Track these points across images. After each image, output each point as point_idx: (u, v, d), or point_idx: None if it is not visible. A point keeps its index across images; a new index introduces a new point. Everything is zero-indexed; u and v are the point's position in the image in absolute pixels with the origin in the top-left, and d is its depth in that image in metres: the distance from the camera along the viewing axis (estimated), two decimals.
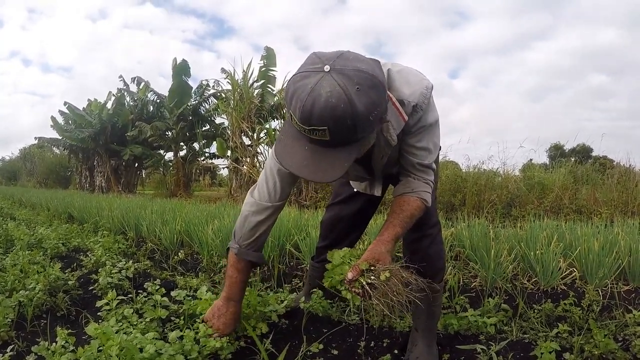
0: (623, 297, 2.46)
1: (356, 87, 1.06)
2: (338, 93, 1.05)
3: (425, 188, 1.54)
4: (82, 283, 2.74)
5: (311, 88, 1.06)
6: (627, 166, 7.50)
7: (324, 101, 1.05)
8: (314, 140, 1.15)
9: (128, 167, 20.07)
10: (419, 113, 1.42)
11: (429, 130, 1.48)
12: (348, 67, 1.08)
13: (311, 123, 1.08)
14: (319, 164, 1.17)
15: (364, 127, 1.12)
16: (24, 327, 2.11)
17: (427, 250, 1.72)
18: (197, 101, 16.93)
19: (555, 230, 3.17)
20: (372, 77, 1.10)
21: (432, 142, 1.52)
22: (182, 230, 4.08)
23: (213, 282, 2.96)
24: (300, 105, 1.08)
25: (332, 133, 1.09)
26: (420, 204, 1.52)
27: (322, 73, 1.07)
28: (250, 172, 10.14)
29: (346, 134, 1.11)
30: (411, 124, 1.44)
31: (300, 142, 1.18)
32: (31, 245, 3.94)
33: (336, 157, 1.16)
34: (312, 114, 1.07)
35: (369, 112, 1.10)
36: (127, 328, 1.73)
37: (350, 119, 1.07)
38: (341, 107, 1.05)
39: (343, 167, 1.17)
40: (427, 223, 1.71)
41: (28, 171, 32.36)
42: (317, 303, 2.20)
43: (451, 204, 6.65)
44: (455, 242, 3.26)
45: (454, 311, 2.32)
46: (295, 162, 1.20)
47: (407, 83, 1.41)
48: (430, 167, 1.55)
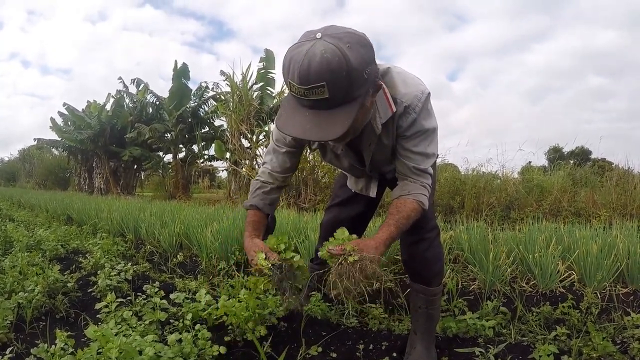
0: (621, 300, 2.46)
1: (347, 44, 1.15)
2: (332, 49, 1.13)
3: (422, 191, 1.56)
4: (81, 285, 2.74)
5: (306, 50, 1.14)
6: (626, 168, 7.51)
7: (319, 57, 1.12)
8: (313, 104, 1.20)
9: (127, 168, 20.05)
10: (411, 115, 1.46)
11: (426, 136, 1.52)
12: (338, 31, 1.18)
13: (309, 81, 1.14)
14: (320, 125, 1.22)
15: (358, 82, 1.19)
16: (23, 329, 2.11)
17: (425, 253, 1.74)
18: (197, 103, 16.92)
19: (553, 233, 3.17)
20: (360, 37, 1.20)
21: (429, 148, 1.55)
22: (181, 232, 4.08)
23: (212, 284, 2.96)
24: (298, 67, 1.15)
25: (330, 88, 1.15)
26: (417, 205, 1.54)
27: (314, 40, 1.16)
28: (249, 175, 10.12)
29: (343, 89, 1.17)
30: (404, 126, 1.48)
31: (300, 110, 1.24)
32: (30, 246, 3.94)
33: (336, 116, 1.21)
34: (309, 72, 1.13)
35: (362, 67, 1.17)
36: (126, 330, 1.74)
37: (346, 72, 1.14)
38: (336, 60, 1.12)
39: (344, 124, 1.20)
40: (424, 227, 1.72)
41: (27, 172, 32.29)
42: (316, 306, 2.21)
43: (450, 207, 6.65)
44: (454, 245, 3.27)
45: (452, 314, 2.32)
46: (297, 128, 1.25)
47: (403, 83, 1.46)
48: (427, 172, 1.57)
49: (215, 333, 1.91)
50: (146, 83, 18.26)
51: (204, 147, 16.71)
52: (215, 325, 2.06)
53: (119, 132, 18.69)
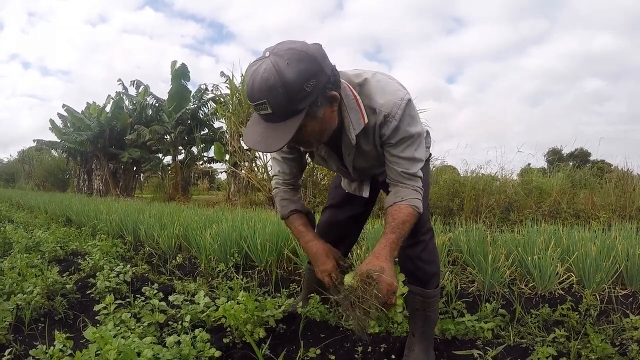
0: (620, 302, 2.46)
1: (286, 62, 1.22)
2: (270, 69, 1.22)
3: (415, 195, 1.58)
4: (79, 287, 2.74)
5: (253, 70, 1.25)
6: (625, 170, 7.51)
7: (259, 77, 1.22)
8: (265, 118, 1.30)
9: (126, 170, 20.03)
10: (392, 123, 1.47)
11: (412, 141, 1.53)
12: (282, 48, 1.25)
13: (254, 98, 1.26)
14: (267, 137, 1.31)
15: (298, 96, 1.24)
16: (22, 330, 2.11)
17: (420, 255, 1.75)
18: (196, 105, 16.94)
19: (552, 235, 3.17)
20: (300, 52, 1.24)
21: (417, 153, 1.56)
22: (180, 234, 4.08)
23: (211, 286, 2.96)
24: (247, 82, 1.27)
25: (271, 104, 1.24)
26: (412, 210, 1.56)
27: (264, 59, 1.25)
28: (248, 177, 10.13)
29: (283, 103, 1.24)
30: (387, 134, 1.50)
31: (259, 122, 1.34)
32: (29, 248, 3.94)
33: (282, 129, 1.29)
34: (253, 90, 1.24)
35: (299, 82, 1.22)
36: (124, 332, 1.74)
37: (282, 88, 1.21)
38: (272, 79, 1.21)
39: (285, 137, 1.28)
40: (419, 230, 1.74)
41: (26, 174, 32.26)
42: (315, 308, 2.21)
43: (449, 209, 6.65)
44: (452, 247, 3.26)
45: (451, 316, 2.32)
46: (251, 139, 1.35)
47: (382, 92, 1.48)
48: (417, 175, 1.59)
49: (214, 335, 1.92)
50: (146, 85, 18.29)
51: (203, 149, 16.72)
52: (213, 327, 2.06)
53: (118, 134, 18.69)
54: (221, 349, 1.75)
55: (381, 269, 1.35)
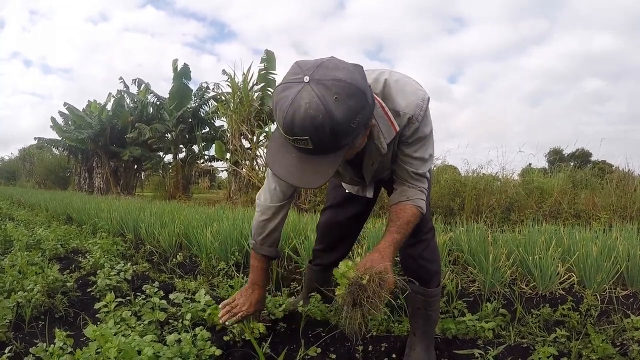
0: (621, 302, 2.46)
1: (334, 96, 1.09)
2: (316, 104, 1.08)
3: (420, 196, 1.58)
4: (80, 285, 2.74)
5: (292, 100, 1.10)
6: (626, 171, 7.51)
7: (303, 112, 1.08)
8: (300, 148, 1.18)
9: (127, 168, 20.05)
10: (414, 124, 1.44)
11: (425, 140, 1.52)
12: (327, 77, 1.11)
13: (294, 133, 1.12)
14: (304, 171, 1.21)
15: (345, 134, 1.15)
16: (22, 328, 2.11)
17: (422, 254, 1.76)
18: (197, 104, 16.93)
19: (553, 235, 3.17)
20: (350, 85, 1.12)
21: (427, 153, 1.56)
22: (180, 232, 4.08)
23: (211, 284, 2.96)
24: (282, 117, 1.12)
25: (314, 142, 1.13)
26: (416, 210, 1.56)
27: (302, 84, 1.10)
28: (249, 175, 10.14)
29: (328, 142, 1.15)
30: (407, 135, 1.47)
31: (288, 149, 1.22)
32: (30, 246, 3.94)
33: (321, 163, 1.20)
34: (293, 125, 1.11)
35: (348, 120, 1.12)
36: (125, 330, 1.74)
37: (330, 128, 1.10)
38: (319, 117, 1.08)
39: (327, 174, 1.20)
40: (421, 229, 1.74)
41: (27, 172, 32.28)
42: (315, 307, 2.21)
43: (450, 209, 6.65)
44: (453, 247, 3.26)
45: (452, 316, 2.32)
46: (283, 169, 1.24)
47: (402, 93, 1.43)
48: (424, 176, 1.59)
49: (215, 333, 1.92)
50: (147, 83, 18.29)
51: (204, 148, 16.71)
52: (214, 325, 2.06)
53: (119, 132, 18.70)
54: (222, 348, 1.75)
55: (386, 269, 1.33)
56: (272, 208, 1.79)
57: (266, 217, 1.82)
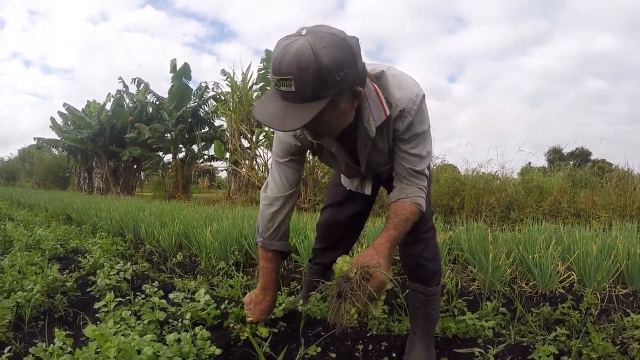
0: (621, 301, 2.46)
1: (324, 45, 1.17)
2: (306, 48, 1.16)
3: (419, 193, 1.58)
4: (80, 284, 2.74)
5: (286, 44, 1.19)
6: (626, 170, 7.50)
7: (292, 53, 1.16)
8: (284, 96, 1.23)
9: (127, 168, 20.02)
10: (407, 118, 1.47)
11: (423, 138, 1.54)
12: (322, 31, 1.20)
13: (280, 72, 1.19)
14: (284, 117, 1.25)
15: (327, 82, 1.19)
16: (22, 328, 2.11)
17: (422, 253, 1.76)
18: (197, 103, 16.90)
19: (553, 234, 3.17)
20: (341, 40, 1.20)
21: (425, 150, 1.57)
22: (180, 232, 4.07)
23: (211, 284, 2.96)
24: (274, 57, 1.21)
25: (297, 84, 1.18)
26: (415, 208, 1.56)
27: (299, 36, 1.20)
28: (248, 175, 10.13)
29: (310, 86, 1.19)
30: (401, 130, 1.50)
31: (274, 99, 1.27)
32: (29, 246, 3.94)
33: (302, 110, 1.23)
34: (281, 64, 1.18)
35: (333, 68, 1.18)
36: (125, 330, 1.74)
37: (314, 70, 1.16)
38: (306, 58, 1.15)
39: (304, 119, 1.22)
40: (421, 228, 1.74)
41: (27, 172, 32.24)
42: (315, 306, 2.20)
43: (450, 208, 6.65)
44: (453, 246, 3.26)
45: (452, 314, 2.32)
46: (265, 115, 1.29)
47: (398, 87, 1.47)
48: (423, 174, 1.59)
49: (214, 333, 1.91)
50: (146, 83, 18.25)
51: (203, 147, 16.68)
52: (214, 325, 2.06)
53: (118, 132, 18.67)
54: (221, 347, 1.74)
55: (378, 264, 1.34)
56: (281, 198, 1.78)
57: (275, 209, 1.80)
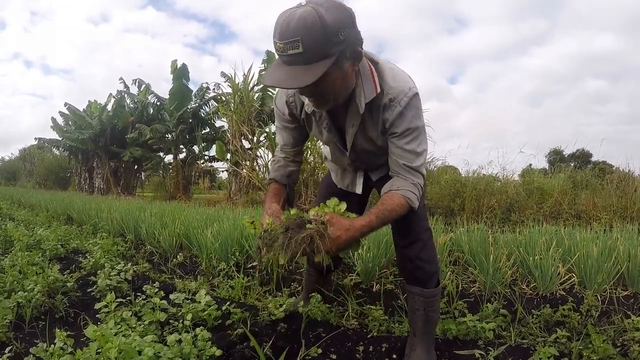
0: (622, 303, 2.46)
1: (325, 7, 1.26)
2: (309, 11, 1.25)
3: (411, 188, 1.59)
4: (80, 285, 2.74)
5: (288, 14, 1.27)
6: (627, 171, 7.48)
7: (297, 17, 1.25)
8: (290, 60, 1.30)
9: (127, 169, 20.04)
10: (396, 108, 1.52)
11: (417, 134, 1.58)
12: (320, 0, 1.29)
13: (287, 36, 1.26)
14: (292, 77, 1.31)
15: (332, 40, 1.28)
16: (22, 328, 2.11)
17: (419, 255, 1.75)
18: (198, 104, 16.92)
19: (554, 236, 3.17)
20: (340, 5, 1.30)
21: (420, 147, 1.60)
22: (181, 233, 4.07)
23: (212, 285, 2.96)
24: (279, 25, 1.28)
25: (304, 42, 1.25)
26: (403, 201, 1.56)
27: (300, 7, 1.28)
28: (249, 176, 10.12)
29: (317, 44, 1.26)
30: (390, 119, 1.55)
31: (281, 67, 1.34)
32: (30, 246, 3.94)
33: (308, 70, 1.30)
34: (287, 27, 1.25)
35: (336, 27, 1.27)
36: (125, 331, 1.74)
37: (319, 27, 1.24)
38: (311, 17, 1.24)
39: (315, 75, 1.29)
40: (417, 229, 1.74)
41: (27, 172, 32.29)
42: (316, 307, 2.20)
43: (450, 209, 6.63)
44: (454, 247, 3.26)
45: (452, 316, 2.32)
46: (273, 80, 1.36)
47: (392, 78, 1.54)
48: (418, 171, 1.62)
49: (215, 334, 1.92)
50: (147, 84, 18.27)
51: (204, 148, 16.69)
52: (214, 325, 2.06)
53: (119, 133, 18.70)
54: (222, 348, 1.75)
55: (338, 236, 1.38)
56: (282, 155, 1.92)
57: (280, 164, 1.91)
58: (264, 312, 2.20)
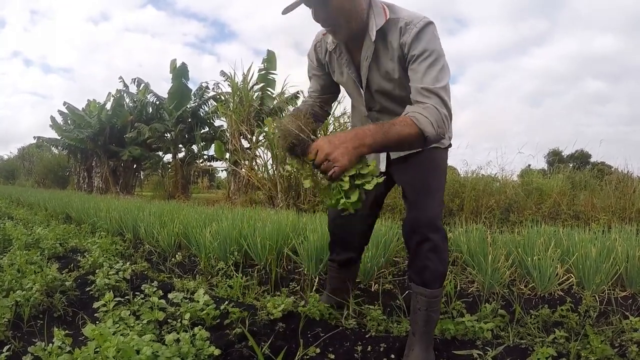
0: (620, 303, 2.46)
1: None
2: None
3: (420, 110, 1.54)
4: (79, 284, 2.74)
5: None
6: (625, 172, 7.49)
7: None
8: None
9: (126, 168, 20.01)
10: (412, 29, 1.60)
11: (435, 56, 1.60)
12: None
13: None
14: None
15: None
16: (21, 327, 2.11)
17: (427, 254, 1.71)
18: (197, 103, 16.90)
19: (552, 236, 3.17)
20: None
21: (437, 68, 1.59)
22: (180, 232, 4.07)
23: (210, 284, 2.96)
24: None
25: None
26: (409, 120, 1.52)
27: None
28: (248, 175, 10.11)
29: None
30: (408, 41, 1.62)
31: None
32: (29, 245, 3.94)
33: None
34: None
35: None
36: (124, 330, 1.73)
37: None
38: None
39: None
40: (427, 225, 1.70)
41: (26, 170, 32.28)
42: (315, 307, 2.21)
43: (449, 209, 6.64)
44: (452, 247, 3.27)
45: (450, 316, 2.32)
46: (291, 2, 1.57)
47: (407, 11, 1.68)
48: (435, 92, 1.56)
49: (213, 333, 1.91)
50: (147, 83, 18.25)
51: (203, 147, 16.68)
52: (213, 325, 2.06)
53: (118, 132, 18.67)
54: (221, 348, 1.74)
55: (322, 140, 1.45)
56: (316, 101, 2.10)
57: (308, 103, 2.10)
58: (263, 312, 2.19)
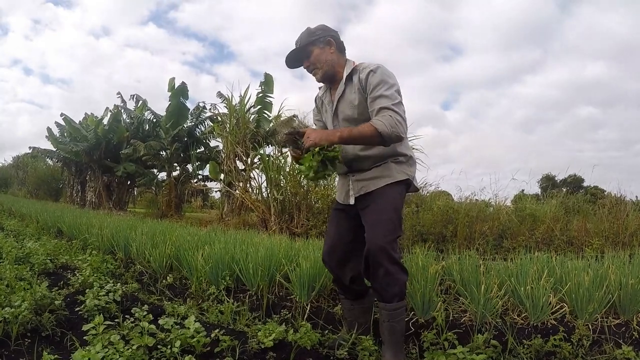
0: (613, 331, 2.46)
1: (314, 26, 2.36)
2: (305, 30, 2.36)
3: (378, 118, 2.06)
4: (68, 303, 2.70)
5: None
6: (618, 196, 7.52)
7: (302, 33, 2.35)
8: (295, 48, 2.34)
9: (120, 184, 19.90)
10: (370, 70, 2.15)
11: (390, 84, 2.12)
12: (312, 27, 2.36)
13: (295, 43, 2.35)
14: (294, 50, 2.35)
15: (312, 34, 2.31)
16: (8, 345, 2.09)
17: (383, 278, 2.04)
18: (193, 123, 16.94)
19: (545, 264, 3.17)
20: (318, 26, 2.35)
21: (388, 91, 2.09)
22: (171, 254, 4.01)
23: (201, 309, 2.92)
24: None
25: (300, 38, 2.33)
26: (369, 123, 2.06)
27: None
28: (242, 197, 10.06)
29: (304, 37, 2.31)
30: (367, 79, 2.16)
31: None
32: (19, 259, 3.89)
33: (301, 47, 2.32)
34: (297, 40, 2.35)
35: (314, 30, 2.33)
36: (113, 355, 1.72)
37: (306, 31, 2.33)
38: (305, 30, 2.35)
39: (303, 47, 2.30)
40: (379, 253, 2.02)
41: (20, 180, 31.97)
42: (305, 336, 2.18)
43: (442, 235, 6.63)
44: (445, 277, 3.25)
45: (442, 347, 2.30)
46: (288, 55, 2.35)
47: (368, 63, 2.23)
48: (389, 108, 2.05)
49: None
50: (144, 100, 18.32)
51: (198, 167, 16.67)
52: (203, 352, 2.04)
53: (114, 147, 18.62)
54: None
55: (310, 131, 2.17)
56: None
57: None
58: (253, 340, 2.17)
